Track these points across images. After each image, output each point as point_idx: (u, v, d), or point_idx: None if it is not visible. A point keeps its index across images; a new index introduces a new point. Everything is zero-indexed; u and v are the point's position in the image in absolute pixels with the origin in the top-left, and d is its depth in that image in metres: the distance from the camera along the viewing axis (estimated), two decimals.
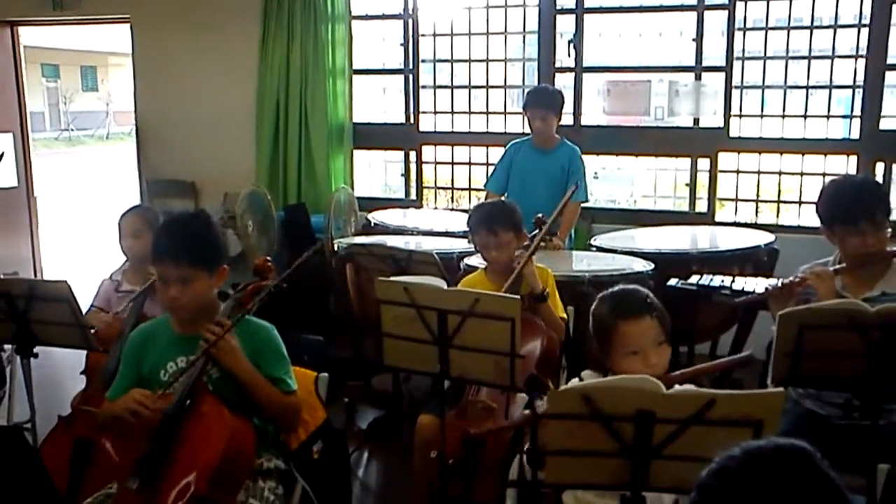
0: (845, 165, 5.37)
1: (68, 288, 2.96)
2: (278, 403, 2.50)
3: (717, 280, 3.76)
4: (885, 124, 5.25)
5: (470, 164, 6.34)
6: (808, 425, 2.88)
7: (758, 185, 5.83)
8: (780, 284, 3.03)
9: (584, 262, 4.37)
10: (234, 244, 6.21)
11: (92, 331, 3.09)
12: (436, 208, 6.32)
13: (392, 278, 2.87)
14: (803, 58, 5.48)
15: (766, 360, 2.65)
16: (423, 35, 6.23)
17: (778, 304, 2.95)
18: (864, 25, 5.17)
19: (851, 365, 2.45)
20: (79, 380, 3.39)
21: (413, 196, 6.42)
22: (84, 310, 3.21)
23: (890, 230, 2.91)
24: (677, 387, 2.12)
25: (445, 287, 2.83)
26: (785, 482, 1.16)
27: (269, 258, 2.79)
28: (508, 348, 2.62)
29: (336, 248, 4.62)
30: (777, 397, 1.78)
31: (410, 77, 6.29)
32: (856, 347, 2.41)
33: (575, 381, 2.24)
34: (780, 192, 5.78)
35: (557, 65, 5.88)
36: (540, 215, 3.69)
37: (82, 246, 9.76)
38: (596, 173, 5.75)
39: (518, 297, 2.70)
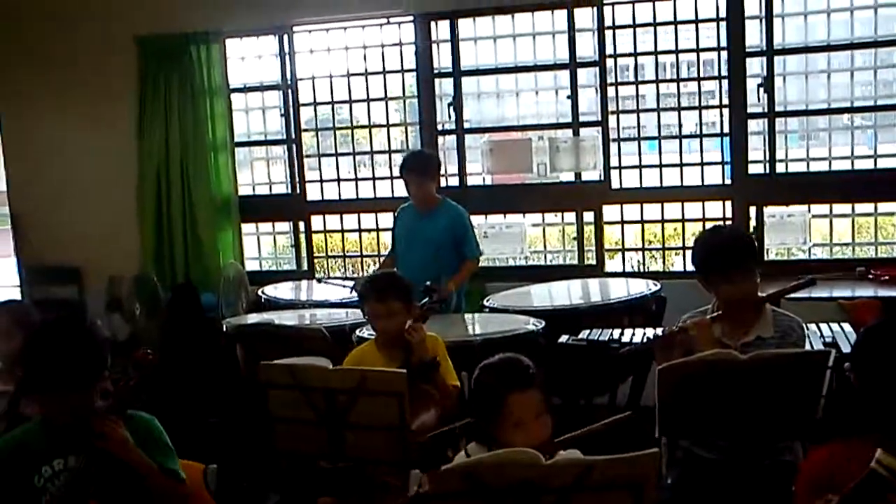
0: (722, 210, 5.57)
1: None
2: (171, 493, 2.44)
3: (606, 334, 3.84)
4: (752, 169, 5.49)
5: (360, 230, 6.32)
6: (697, 473, 2.93)
7: (642, 235, 6.00)
8: (661, 335, 3.11)
9: (476, 325, 4.40)
10: (121, 329, 6.02)
11: None
12: (329, 278, 6.25)
13: (276, 361, 2.82)
14: (673, 109, 5.71)
15: None
16: (303, 104, 6.22)
17: (663, 353, 3.03)
18: (724, 77, 5.43)
19: (731, 411, 2.52)
20: None
21: (304, 267, 6.34)
22: None
23: (759, 277, 3.03)
24: (562, 453, 2.14)
25: (331, 366, 2.79)
26: None
27: (149, 350, 2.70)
28: (399, 423, 2.59)
29: (226, 329, 4.51)
30: (651, 458, 1.80)
31: (294, 147, 6.26)
32: (732, 394, 2.48)
33: (461, 456, 2.23)
34: (664, 239, 5.96)
35: (439, 127, 5.96)
36: (429, 283, 3.70)
37: None
38: (486, 232, 5.81)
39: (404, 371, 2.68)
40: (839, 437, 2.38)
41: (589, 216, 5.77)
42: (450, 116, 5.91)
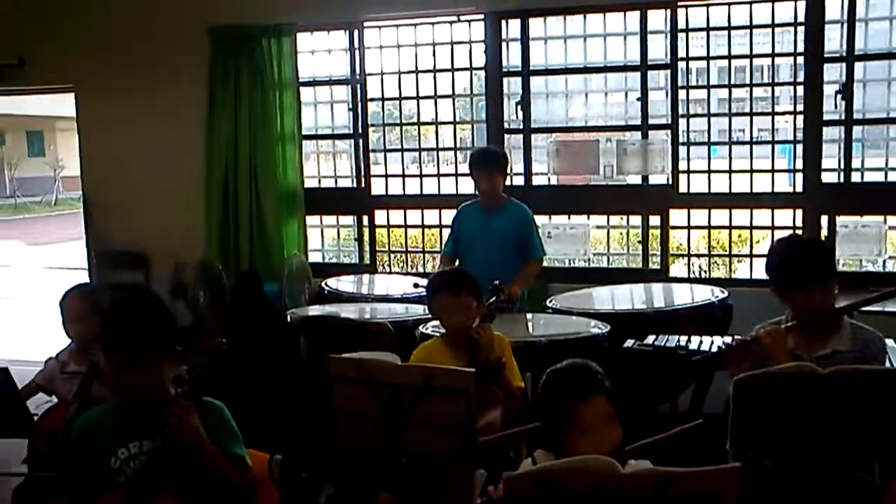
0: (792, 218, 5.46)
1: (6, 375, 2.86)
2: (237, 480, 2.48)
3: (673, 340, 3.78)
4: (826, 178, 5.37)
5: (423, 226, 6.33)
6: (765, 485, 2.86)
7: (709, 240, 5.90)
8: (733, 343, 3.04)
9: (540, 326, 4.37)
10: (185, 315, 6.11)
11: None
12: (390, 272, 6.28)
13: (345, 355, 2.82)
14: (745, 114, 5.61)
15: (725, 416, 2.64)
16: (371, 99, 6.25)
17: (734, 363, 2.97)
18: (800, 83, 5.31)
19: (807, 426, 2.46)
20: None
21: (367, 261, 6.37)
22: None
23: (837, 287, 2.95)
24: (632, 462, 2.10)
25: (399, 362, 2.79)
26: None
27: (223, 339, 2.73)
28: (465, 422, 2.58)
29: (290, 319, 4.54)
30: (733, 472, 1.77)
31: (360, 141, 6.29)
32: (810, 409, 2.42)
33: (528, 462, 2.20)
34: (731, 246, 5.86)
35: (506, 125, 5.93)
36: (497, 282, 3.68)
37: (31, 319, 9.50)
38: (549, 233, 5.78)
39: (473, 370, 2.67)
40: None
41: (655, 220, 5.70)
42: (517, 115, 5.88)
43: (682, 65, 5.55)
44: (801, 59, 5.30)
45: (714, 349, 3.29)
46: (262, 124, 6.14)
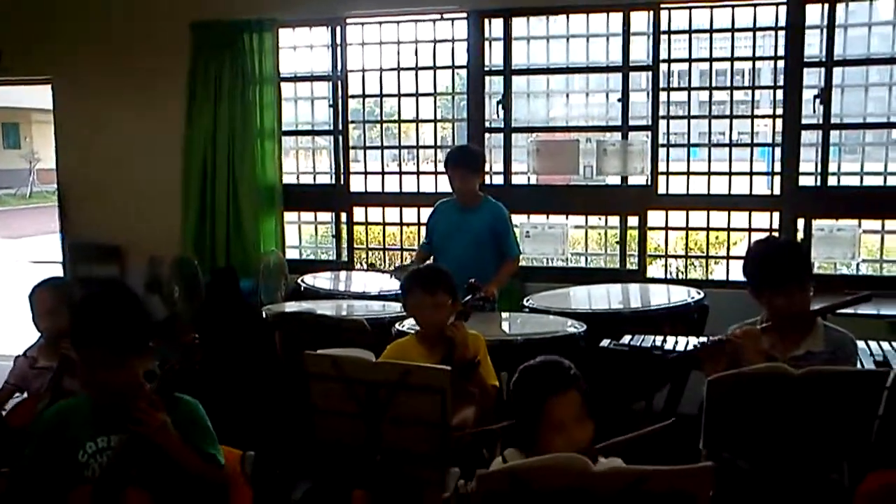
0: (769, 221, 5.49)
1: None
2: (209, 477, 2.45)
3: (649, 340, 3.79)
4: (803, 181, 5.40)
5: (401, 224, 6.32)
6: (738, 485, 2.87)
7: (686, 242, 5.92)
8: (708, 344, 3.05)
9: (516, 325, 4.36)
10: (159, 309, 6.06)
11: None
12: (367, 270, 6.26)
13: (320, 351, 2.81)
14: (725, 117, 5.64)
15: (700, 417, 2.64)
16: (352, 96, 6.23)
17: (709, 363, 2.98)
18: (780, 87, 5.34)
19: (780, 426, 2.47)
20: None
21: (344, 257, 6.35)
22: None
23: (813, 290, 2.97)
24: (603, 460, 2.10)
25: (374, 359, 2.78)
26: None
27: (196, 335, 2.70)
28: (440, 420, 2.57)
29: (265, 316, 4.52)
30: (706, 471, 1.77)
31: (339, 138, 6.27)
32: (783, 409, 2.43)
33: (498, 461, 2.20)
34: (708, 247, 5.89)
35: (487, 124, 5.93)
36: (472, 280, 3.67)
37: (8, 313, 9.37)
38: (528, 232, 5.78)
39: (448, 367, 2.66)
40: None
41: (633, 220, 5.71)
42: (498, 114, 5.88)
43: (663, 66, 5.56)
44: (781, 63, 5.33)
45: (689, 349, 3.30)
46: (241, 119, 6.10)
